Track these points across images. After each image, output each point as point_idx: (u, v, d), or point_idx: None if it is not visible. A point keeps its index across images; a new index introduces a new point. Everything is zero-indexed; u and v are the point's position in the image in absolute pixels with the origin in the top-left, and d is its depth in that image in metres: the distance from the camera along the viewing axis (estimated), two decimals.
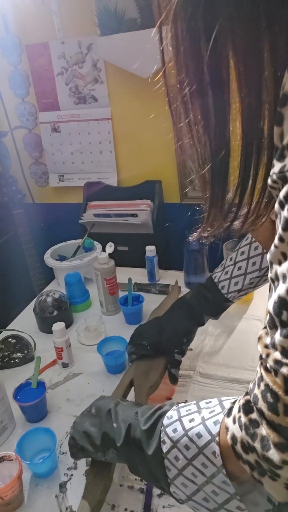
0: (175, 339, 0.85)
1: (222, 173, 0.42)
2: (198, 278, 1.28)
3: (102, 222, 1.70)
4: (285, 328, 0.33)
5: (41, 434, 0.79)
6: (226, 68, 0.37)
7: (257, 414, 0.37)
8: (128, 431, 0.56)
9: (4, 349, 1.08)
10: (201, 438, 0.45)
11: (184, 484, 0.47)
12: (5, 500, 0.69)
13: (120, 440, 0.57)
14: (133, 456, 0.55)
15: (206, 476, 0.45)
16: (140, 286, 1.34)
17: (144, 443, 0.53)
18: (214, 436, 0.44)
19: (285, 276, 0.32)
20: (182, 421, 0.49)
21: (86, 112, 1.74)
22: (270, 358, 0.35)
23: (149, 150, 1.72)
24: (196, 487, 0.46)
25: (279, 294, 0.33)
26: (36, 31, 1.66)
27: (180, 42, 0.38)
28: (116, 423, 0.59)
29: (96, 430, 0.61)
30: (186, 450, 0.47)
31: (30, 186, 2.02)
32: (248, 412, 0.39)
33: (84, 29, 1.57)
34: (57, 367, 1.05)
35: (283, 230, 0.32)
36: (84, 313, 1.27)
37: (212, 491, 0.45)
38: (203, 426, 0.46)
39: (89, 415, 0.65)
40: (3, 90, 1.82)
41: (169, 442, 0.49)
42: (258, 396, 0.37)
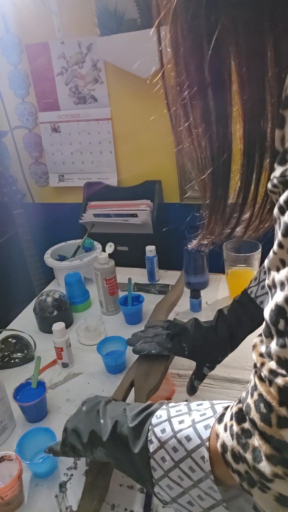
0: (214, 353, 0.80)
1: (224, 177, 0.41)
2: (198, 278, 1.28)
3: (102, 222, 1.71)
4: (282, 337, 0.32)
5: (41, 434, 0.79)
6: (228, 69, 0.36)
7: (249, 424, 0.36)
8: (114, 427, 0.55)
9: (4, 349, 1.08)
10: (190, 442, 0.44)
11: (170, 486, 0.46)
12: (5, 500, 0.69)
13: (106, 436, 0.55)
14: (119, 453, 0.54)
15: (193, 480, 0.44)
16: (140, 286, 1.34)
17: (131, 440, 0.51)
18: (204, 440, 0.43)
19: (283, 284, 0.31)
20: (172, 422, 0.48)
21: (86, 112, 1.75)
22: (265, 367, 0.34)
23: (149, 150, 1.72)
24: (182, 490, 0.45)
25: (276, 302, 0.32)
26: (36, 31, 1.66)
27: (180, 42, 0.37)
28: (103, 419, 0.58)
29: (84, 427, 0.60)
30: (174, 452, 0.45)
31: (30, 186, 2.02)
32: (241, 421, 0.38)
33: (84, 29, 1.57)
34: (57, 367, 1.05)
35: (282, 236, 0.31)
36: (84, 313, 1.27)
37: (198, 496, 0.44)
38: (193, 429, 0.45)
39: (80, 413, 0.64)
40: (3, 90, 1.82)
41: (156, 442, 0.48)
42: (251, 406, 0.36)
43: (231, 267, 1.18)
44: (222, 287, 1.29)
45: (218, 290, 1.29)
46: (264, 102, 0.36)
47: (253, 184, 0.41)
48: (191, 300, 1.18)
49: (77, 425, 0.62)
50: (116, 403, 0.62)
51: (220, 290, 1.29)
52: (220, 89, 0.37)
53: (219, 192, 0.42)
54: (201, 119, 0.39)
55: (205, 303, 1.22)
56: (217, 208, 0.43)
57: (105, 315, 1.24)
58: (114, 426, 0.55)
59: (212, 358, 0.80)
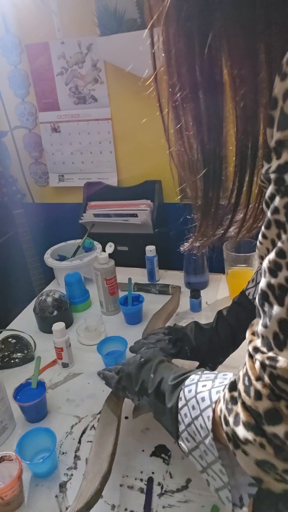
0: (217, 355, 0.82)
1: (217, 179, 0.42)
2: (198, 278, 1.28)
3: (102, 222, 1.71)
4: (265, 318, 0.35)
5: (41, 434, 0.79)
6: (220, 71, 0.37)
7: (237, 393, 0.41)
8: (159, 383, 0.62)
9: (4, 349, 1.08)
10: (204, 402, 0.50)
11: (188, 439, 0.53)
12: (5, 500, 0.69)
13: (152, 389, 0.63)
14: (157, 405, 0.61)
15: (201, 436, 0.49)
16: (140, 286, 1.34)
17: (167, 396, 0.58)
18: (212, 403, 0.48)
19: (265, 271, 0.34)
20: (197, 385, 0.53)
21: (86, 112, 1.75)
22: (252, 344, 0.38)
23: (149, 150, 1.72)
24: (195, 444, 0.51)
25: (261, 287, 0.35)
26: (36, 31, 1.66)
27: (172, 44, 0.37)
28: (153, 374, 0.65)
29: (137, 377, 0.69)
30: (192, 409, 0.51)
31: (30, 186, 2.02)
32: (232, 389, 0.42)
33: (84, 29, 1.57)
34: (57, 367, 1.05)
35: (265, 228, 0.34)
36: (84, 313, 1.27)
37: (204, 450, 0.50)
38: (208, 392, 0.50)
39: (137, 362, 0.71)
40: (3, 90, 1.82)
41: (183, 400, 0.54)
42: (240, 377, 0.40)
43: (231, 267, 1.17)
44: (222, 287, 1.29)
45: (218, 290, 1.29)
46: (257, 103, 0.36)
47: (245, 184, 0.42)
48: (191, 300, 1.18)
49: (133, 372, 0.70)
50: (168, 364, 0.68)
51: (220, 290, 1.29)
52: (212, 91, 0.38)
53: (211, 194, 0.43)
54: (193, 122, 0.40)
55: (205, 303, 1.22)
56: (208, 210, 0.45)
57: (105, 315, 1.24)
58: (159, 382, 0.62)
59: (215, 359, 0.82)
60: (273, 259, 0.33)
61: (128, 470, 0.76)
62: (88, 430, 0.86)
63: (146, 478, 0.74)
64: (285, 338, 0.33)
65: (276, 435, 0.35)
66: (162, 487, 0.72)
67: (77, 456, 0.80)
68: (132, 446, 0.80)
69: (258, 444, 0.37)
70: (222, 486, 0.49)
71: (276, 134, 0.31)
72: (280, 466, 0.37)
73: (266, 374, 0.35)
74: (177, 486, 0.72)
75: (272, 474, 0.38)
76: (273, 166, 0.32)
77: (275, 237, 0.32)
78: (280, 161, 0.31)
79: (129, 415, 0.83)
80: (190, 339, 0.83)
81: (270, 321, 0.34)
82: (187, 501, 0.70)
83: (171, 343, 0.83)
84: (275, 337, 0.34)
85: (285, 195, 0.31)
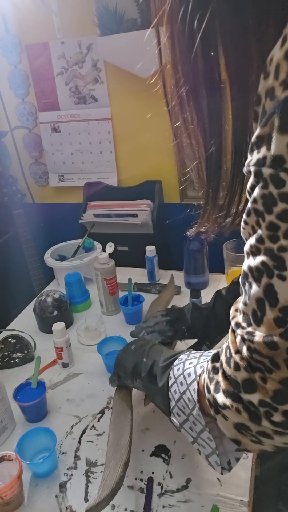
0: (214, 333, 0.86)
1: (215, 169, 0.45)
2: (198, 278, 1.28)
3: (102, 222, 1.70)
4: (246, 296, 0.38)
5: (41, 434, 0.79)
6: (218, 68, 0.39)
7: (219, 363, 0.45)
8: (152, 366, 0.66)
9: (4, 349, 1.08)
10: (190, 377, 0.54)
11: (178, 414, 0.57)
12: (5, 500, 0.69)
13: (144, 372, 0.67)
14: (150, 386, 0.65)
15: (189, 408, 0.54)
16: (140, 286, 1.34)
17: (159, 376, 0.63)
18: (197, 376, 0.53)
19: (247, 254, 0.37)
20: (185, 363, 0.58)
21: (86, 112, 1.74)
22: (234, 320, 0.41)
23: (149, 150, 1.72)
24: (185, 417, 0.56)
25: (243, 268, 0.38)
26: (36, 31, 1.66)
27: (176, 42, 0.40)
28: (146, 358, 0.70)
29: (130, 362, 0.73)
30: (180, 385, 0.56)
31: (30, 186, 2.02)
32: (214, 360, 0.47)
33: (84, 29, 1.57)
34: (57, 367, 1.05)
35: (246, 215, 0.36)
36: (84, 313, 1.27)
37: (193, 421, 0.54)
38: (194, 368, 0.55)
39: (129, 350, 0.76)
40: (3, 90, 1.82)
41: (173, 378, 0.59)
42: (223, 350, 0.44)
43: (231, 267, 1.17)
44: (222, 287, 1.29)
45: None
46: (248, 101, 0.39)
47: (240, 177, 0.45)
48: (191, 300, 1.18)
49: (125, 360, 0.75)
50: (159, 347, 0.73)
51: None
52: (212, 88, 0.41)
53: (212, 183, 0.47)
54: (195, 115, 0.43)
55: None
56: (211, 198, 0.48)
57: (105, 315, 1.24)
58: (152, 365, 0.67)
59: (211, 337, 0.86)
60: (254, 244, 0.36)
61: (128, 470, 0.76)
62: (88, 430, 0.86)
63: (146, 478, 0.74)
64: (262, 315, 0.36)
65: (251, 402, 0.39)
66: (162, 487, 0.72)
67: (77, 456, 0.80)
68: (132, 446, 0.80)
69: (235, 409, 0.41)
70: (211, 452, 0.53)
71: (257, 130, 0.33)
72: (254, 428, 0.41)
73: (245, 348, 0.38)
74: (177, 486, 0.72)
75: (248, 436, 0.43)
76: (253, 160, 0.34)
77: (255, 223, 0.35)
78: (259, 155, 0.33)
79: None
80: (187, 318, 0.87)
81: (249, 300, 0.37)
82: (187, 501, 0.70)
83: (168, 324, 0.88)
84: (253, 314, 0.37)
85: (263, 187, 0.33)
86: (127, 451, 0.67)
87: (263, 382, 0.38)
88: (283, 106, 0.30)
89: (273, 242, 0.33)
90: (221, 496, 0.70)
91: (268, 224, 0.33)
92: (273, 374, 0.37)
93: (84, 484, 0.75)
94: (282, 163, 0.31)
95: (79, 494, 0.73)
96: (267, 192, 0.33)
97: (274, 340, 0.35)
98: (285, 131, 0.30)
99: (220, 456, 0.53)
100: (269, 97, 0.31)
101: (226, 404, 0.42)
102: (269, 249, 0.34)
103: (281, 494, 1.07)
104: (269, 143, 0.31)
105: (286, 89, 0.29)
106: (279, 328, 0.35)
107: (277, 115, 0.30)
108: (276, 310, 0.34)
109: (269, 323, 0.35)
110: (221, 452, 0.53)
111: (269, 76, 0.31)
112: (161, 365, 0.64)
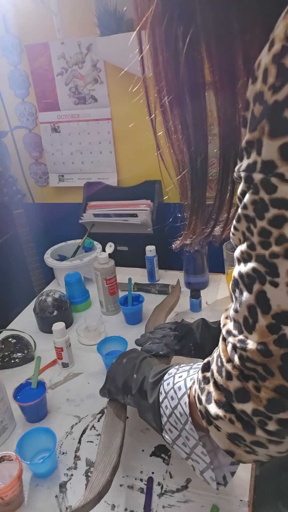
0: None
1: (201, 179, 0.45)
2: (198, 278, 1.28)
3: (102, 222, 1.70)
4: (236, 303, 0.38)
5: (41, 434, 0.79)
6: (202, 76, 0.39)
7: (210, 373, 0.44)
8: (142, 382, 0.65)
9: (4, 349, 1.08)
10: (181, 390, 0.53)
11: (170, 430, 0.56)
12: (5, 500, 0.69)
13: (135, 389, 0.66)
14: (141, 403, 0.64)
15: (181, 423, 0.53)
16: (140, 286, 1.34)
17: (149, 393, 0.62)
18: (188, 389, 0.52)
19: (238, 260, 0.37)
20: (175, 377, 0.57)
21: (86, 112, 1.75)
22: (225, 327, 0.41)
23: (149, 150, 1.71)
24: (178, 432, 0.55)
25: (233, 275, 0.38)
26: (36, 31, 1.66)
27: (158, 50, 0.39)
28: (136, 375, 0.68)
29: (121, 378, 0.72)
30: (171, 400, 0.55)
31: (30, 186, 2.02)
32: (205, 370, 0.46)
33: (84, 29, 1.57)
34: (57, 367, 1.05)
35: (236, 221, 0.36)
36: (84, 313, 1.27)
37: (186, 436, 0.53)
38: (184, 381, 0.54)
39: (120, 364, 0.75)
40: (3, 90, 1.82)
41: (163, 393, 0.57)
42: (214, 359, 0.43)
43: (231, 267, 1.17)
44: (222, 287, 1.29)
45: (218, 290, 1.29)
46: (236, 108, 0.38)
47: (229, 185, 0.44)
48: (191, 300, 1.18)
49: (116, 375, 0.73)
50: (149, 361, 0.72)
51: (220, 290, 1.29)
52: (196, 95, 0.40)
53: (197, 193, 0.46)
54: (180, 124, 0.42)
55: (205, 303, 1.22)
56: (196, 208, 0.47)
57: (105, 315, 1.24)
58: (142, 381, 0.66)
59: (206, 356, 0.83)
60: (245, 250, 0.35)
61: (128, 470, 0.76)
62: (88, 430, 0.86)
63: (146, 478, 0.74)
64: (254, 322, 0.35)
65: (244, 411, 0.39)
66: (162, 487, 0.73)
67: (77, 456, 0.80)
68: (132, 446, 0.80)
69: (228, 420, 0.41)
70: (205, 468, 0.53)
71: (247, 135, 0.33)
72: (248, 438, 0.40)
73: (237, 356, 0.38)
74: (177, 486, 0.72)
75: (242, 446, 0.42)
76: (243, 165, 0.33)
77: (245, 230, 0.35)
78: (249, 160, 0.32)
79: (129, 415, 0.83)
80: (196, 336, 0.84)
81: (240, 307, 0.37)
82: (187, 501, 0.70)
83: (176, 339, 0.85)
84: (245, 321, 0.37)
85: (254, 193, 0.32)
86: (117, 455, 0.67)
87: (257, 391, 0.37)
88: (273, 110, 0.29)
89: (264, 249, 0.33)
90: (221, 496, 0.70)
91: (259, 230, 0.33)
92: (266, 382, 0.36)
93: (84, 484, 0.75)
94: (273, 168, 0.30)
95: (79, 494, 0.73)
96: (258, 198, 0.32)
97: (267, 347, 0.34)
98: (275, 136, 0.29)
99: (215, 470, 0.52)
100: (258, 102, 0.31)
101: (219, 415, 0.42)
102: (261, 255, 0.33)
103: (280, 494, 1.07)
104: (259, 148, 0.31)
105: (275, 93, 0.29)
106: (272, 335, 0.34)
107: (266, 120, 0.30)
108: (269, 317, 0.34)
109: (262, 330, 0.35)
110: (215, 467, 0.52)
111: (257, 80, 0.30)
112: (151, 380, 0.62)
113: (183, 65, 0.38)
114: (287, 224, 0.31)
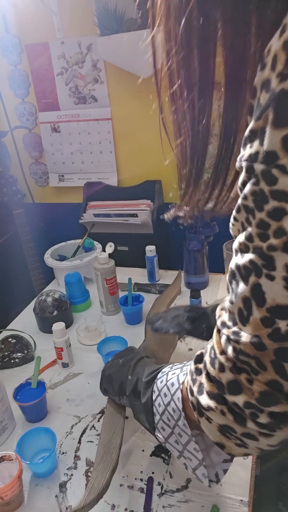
0: None
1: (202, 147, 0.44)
2: (198, 278, 1.28)
3: (102, 222, 1.70)
4: (232, 294, 0.38)
5: (41, 434, 0.79)
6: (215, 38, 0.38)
7: (202, 364, 0.44)
8: (136, 383, 0.65)
9: (4, 349, 1.08)
10: (173, 386, 0.53)
11: (163, 428, 0.56)
12: (5, 500, 0.69)
13: (129, 390, 0.66)
14: (135, 403, 0.64)
15: (174, 420, 0.52)
16: (140, 286, 1.34)
17: (142, 392, 0.61)
18: (180, 384, 0.51)
19: (235, 251, 0.37)
20: (168, 374, 0.57)
21: (86, 112, 1.74)
22: (220, 319, 0.40)
23: (149, 150, 1.72)
24: (170, 430, 0.54)
25: (230, 266, 0.38)
26: (36, 31, 1.66)
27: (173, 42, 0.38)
28: (131, 376, 0.68)
29: (116, 378, 0.71)
30: (164, 397, 0.54)
31: (30, 186, 2.02)
32: (197, 361, 0.46)
33: (84, 29, 1.57)
34: (57, 367, 1.05)
35: (236, 212, 0.36)
36: (84, 313, 1.27)
37: (178, 433, 0.53)
38: (176, 377, 0.53)
39: (116, 364, 0.74)
40: (3, 90, 1.82)
41: (157, 391, 0.57)
42: (207, 350, 0.43)
43: None
44: (222, 287, 1.29)
45: (218, 290, 1.29)
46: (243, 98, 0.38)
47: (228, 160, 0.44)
48: (191, 300, 1.18)
49: (112, 374, 0.73)
50: (144, 362, 0.71)
51: (220, 290, 1.29)
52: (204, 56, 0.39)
53: (196, 161, 0.45)
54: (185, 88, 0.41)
55: (205, 303, 1.22)
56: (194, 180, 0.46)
57: (105, 315, 1.24)
58: (136, 382, 0.65)
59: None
60: (243, 242, 0.35)
61: (128, 470, 0.76)
62: (88, 430, 0.86)
63: (146, 478, 0.74)
64: (248, 315, 0.35)
65: (236, 403, 0.39)
66: (162, 487, 0.72)
67: (77, 456, 0.80)
68: (132, 446, 0.80)
69: (219, 411, 0.41)
70: (198, 465, 0.52)
71: (251, 123, 0.32)
72: (239, 430, 0.40)
73: (230, 348, 0.38)
74: (177, 486, 0.72)
75: (233, 439, 0.42)
76: (245, 155, 0.33)
77: (244, 221, 0.34)
78: (251, 149, 0.32)
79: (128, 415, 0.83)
80: (209, 318, 0.83)
81: (236, 298, 0.37)
82: (187, 501, 0.70)
83: (189, 320, 0.83)
84: (239, 313, 0.37)
85: (254, 183, 0.32)
86: (117, 455, 0.66)
87: (249, 383, 0.37)
88: (279, 99, 0.28)
89: (262, 241, 0.32)
90: (221, 496, 0.70)
91: (258, 222, 0.33)
92: (259, 376, 0.36)
93: (84, 484, 0.75)
94: (275, 159, 0.29)
95: (79, 494, 0.73)
96: (258, 189, 0.31)
97: (261, 341, 0.34)
98: (279, 125, 0.29)
99: (207, 468, 0.52)
100: (265, 89, 0.30)
101: (210, 406, 0.42)
102: (258, 247, 0.33)
103: (281, 494, 1.07)
104: (262, 138, 0.30)
105: (282, 81, 0.28)
106: (266, 328, 0.34)
107: (271, 109, 0.29)
108: (263, 310, 0.34)
109: (256, 323, 0.35)
110: (208, 465, 0.52)
111: (266, 67, 0.30)
112: (144, 380, 0.62)
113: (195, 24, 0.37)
114: (286, 217, 0.30)
